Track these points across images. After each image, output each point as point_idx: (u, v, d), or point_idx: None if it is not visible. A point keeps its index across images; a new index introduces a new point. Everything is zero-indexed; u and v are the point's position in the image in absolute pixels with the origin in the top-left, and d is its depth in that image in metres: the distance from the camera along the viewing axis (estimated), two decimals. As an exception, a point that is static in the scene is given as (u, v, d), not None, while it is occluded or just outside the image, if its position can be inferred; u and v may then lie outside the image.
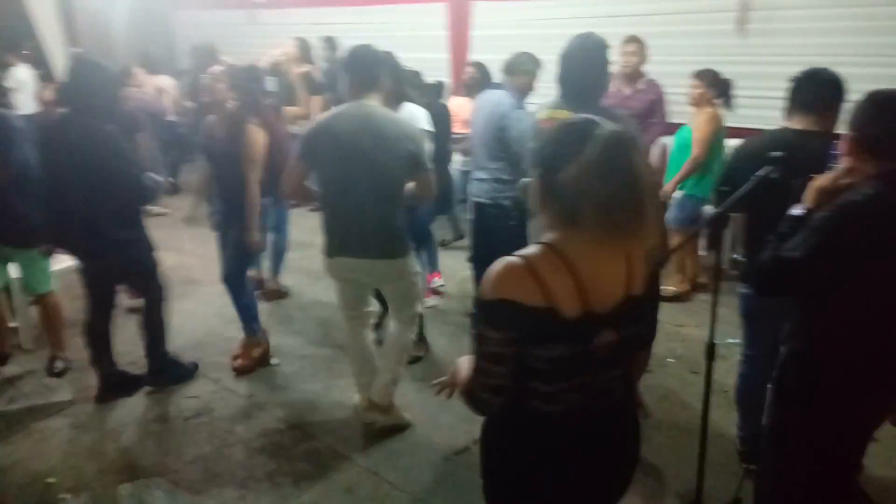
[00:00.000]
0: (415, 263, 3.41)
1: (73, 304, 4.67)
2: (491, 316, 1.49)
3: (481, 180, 4.10)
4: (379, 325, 4.16)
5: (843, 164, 2.04)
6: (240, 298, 4.12)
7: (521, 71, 4.06)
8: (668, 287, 4.95)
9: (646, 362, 1.79)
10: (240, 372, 4.11)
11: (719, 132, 4.74)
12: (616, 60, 5.01)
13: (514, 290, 1.45)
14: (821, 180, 2.07)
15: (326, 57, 7.62)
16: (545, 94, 3.41)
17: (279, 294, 5.23)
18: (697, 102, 4.76)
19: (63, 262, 4.48)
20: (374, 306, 3.63)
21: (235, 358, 4.18)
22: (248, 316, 4.17)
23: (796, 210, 2.07)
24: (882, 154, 1.95)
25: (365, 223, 3.12)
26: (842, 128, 2.17)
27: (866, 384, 2.03)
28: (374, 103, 3.11)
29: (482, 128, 4.03)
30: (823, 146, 2.44)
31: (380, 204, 3.11)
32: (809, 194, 2.08)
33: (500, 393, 1.54)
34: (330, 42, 7.74)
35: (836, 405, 2.04)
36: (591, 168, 1.40)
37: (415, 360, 4.14)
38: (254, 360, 4.17)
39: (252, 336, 4.20)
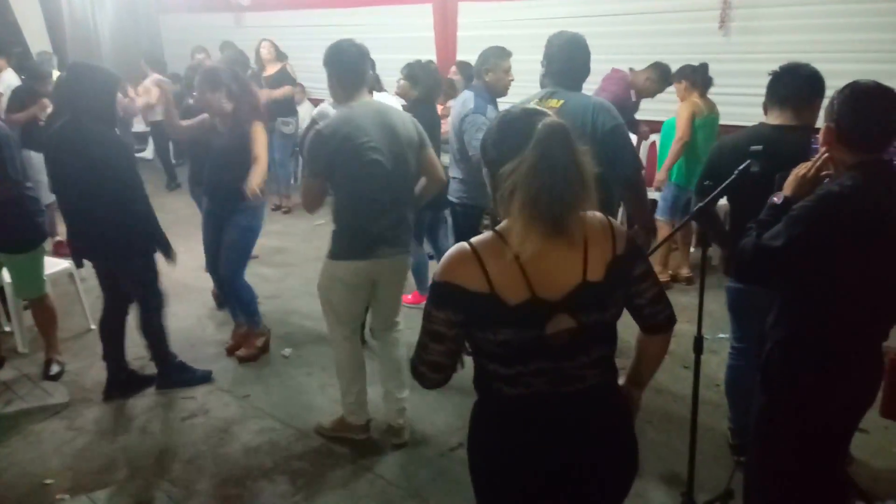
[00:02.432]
0: None
1: (66, 308, 4.71)
2: (437, 296, 1.58)
3: (453, 179, 4.30)
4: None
5: (821, 153, 2.09)
6: (240, 294, 4.24)
7: (484, 70, 4.11)
8: None
9: (659, 356, 1.83)
10: (244, 360, 4.28)
11: (699, 116, 4.86)
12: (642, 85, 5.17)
13: (459, 274, 1.53)
14: (800, 169, 2.12)
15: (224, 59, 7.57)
16: (528, 88, 3.49)
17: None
18: (682, 97, 4.95)
19: (56, 266, 4.51)
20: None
21: (235, 348, 4.39)
22: (250, 310, 4.32)
23: (776, 198, 2.13)
24: (859, 145, 2.00)
25: (393, 221, 3.12)
26: (821, 121, 2.21)
27: (848, 371, 2.09)
28: (367, 99, 3.12)
29: (451, 130, 4.21)
30: (801, 140, 2.50)
31: (403, 198, 3.15)
32: (789, 182, 2.13)
33: (438, 370, 1.64)
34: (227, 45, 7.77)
35: (819, 392, 2.10)
36: (526, 163, 1.46)
37: None
38: (258, 350, 4.34)
39: (255, 328, 4.36)
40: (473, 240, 1.57)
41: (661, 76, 5.13)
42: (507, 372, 1.59)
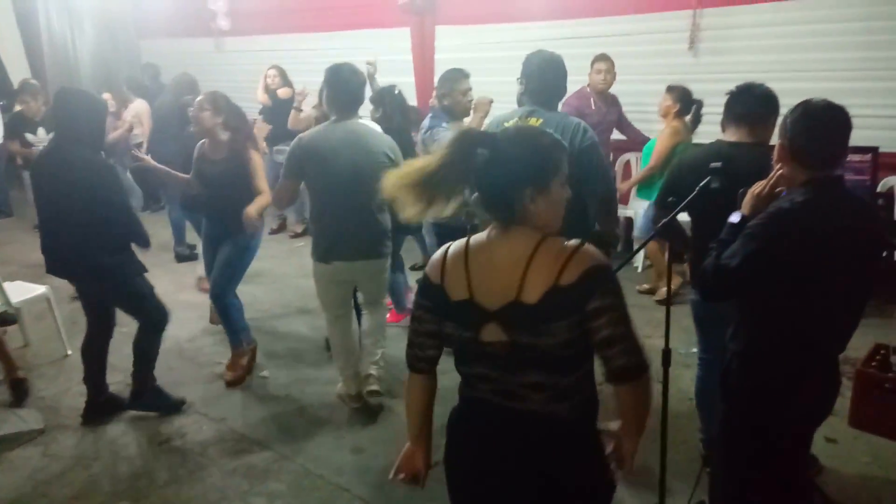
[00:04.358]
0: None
1: (41, 334, 4.69)
2: (420, 285, 1.81)
3: None
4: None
5: (775, 171, 2.15)
6: (228, 311, 4.26)
7: (441, 95, 4.22)
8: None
9: (633, 407, 1.67)
10: (232, 384, 4.23)
11: (680, 146, 4.92)
12: (591, 78, 5.55)
13: (430, 268, 1.75)
14: (756, 187, 2.18)
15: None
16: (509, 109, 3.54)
17: None
18: (664, 114, 5.04)
19: (32, 292, 4.49)
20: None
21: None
22: (236, 328, 4.31)
23: (734, 217, 2.19)
24: (811, 163, 2.07)
25: (357, 228, 3.53)
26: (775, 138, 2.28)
27: (802, 383, 2.13)
28: (355, 119, 3.54)
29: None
30: (757, 157, 2.57)
31: (368, 209, 3.52)
32: (746, 201, 2.20)
33: (411, 346, 1.84)
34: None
35: (774, 402, 2.14)
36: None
37: None
38: (244, 369, 4.31)
39: (238, 347, 4.33)
40: (461, 240, 1.74)
41: (594, 64, 5.56)
42: (462, 370, 1.77)
